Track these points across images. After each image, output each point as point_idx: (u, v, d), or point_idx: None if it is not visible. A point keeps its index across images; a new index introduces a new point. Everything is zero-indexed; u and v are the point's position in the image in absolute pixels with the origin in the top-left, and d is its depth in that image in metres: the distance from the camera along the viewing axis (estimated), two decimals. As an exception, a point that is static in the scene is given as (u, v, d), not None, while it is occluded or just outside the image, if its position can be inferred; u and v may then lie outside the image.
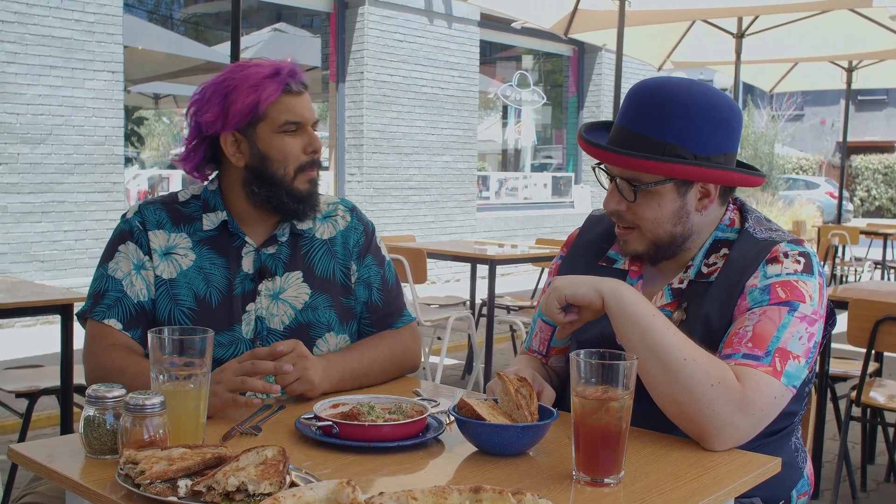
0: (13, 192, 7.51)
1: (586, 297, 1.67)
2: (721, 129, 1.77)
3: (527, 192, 13.34)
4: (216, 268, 2.05)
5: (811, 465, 1.96)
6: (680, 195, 1.79)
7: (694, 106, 1.74)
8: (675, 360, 1.59)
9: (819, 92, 27.02)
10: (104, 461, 1.47)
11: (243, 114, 1.99)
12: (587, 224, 2.08)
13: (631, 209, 1.80)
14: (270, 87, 1.99)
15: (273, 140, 2.02)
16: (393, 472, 1.48)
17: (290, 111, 2.02)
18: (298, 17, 11.31)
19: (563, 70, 14.27)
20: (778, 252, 1.74)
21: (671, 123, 1.74)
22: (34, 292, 3.79)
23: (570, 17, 7.40)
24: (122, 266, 2.03)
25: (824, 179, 26.52)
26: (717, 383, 1.57)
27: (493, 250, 5.96)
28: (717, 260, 1.82)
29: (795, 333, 1.66)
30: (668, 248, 1.83)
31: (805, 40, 8.40)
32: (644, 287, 1.90)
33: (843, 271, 10.31)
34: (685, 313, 1.79)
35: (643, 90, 1.81)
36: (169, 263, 2.03)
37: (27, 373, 3.84)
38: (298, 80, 2.04)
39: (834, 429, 4.60)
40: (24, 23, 7.48)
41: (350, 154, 10.50)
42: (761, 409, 1.60)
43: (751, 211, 1.89)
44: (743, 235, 1.82)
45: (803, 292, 1.70)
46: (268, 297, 2.05)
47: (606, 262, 1.97)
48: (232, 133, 2.03)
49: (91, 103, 7.92)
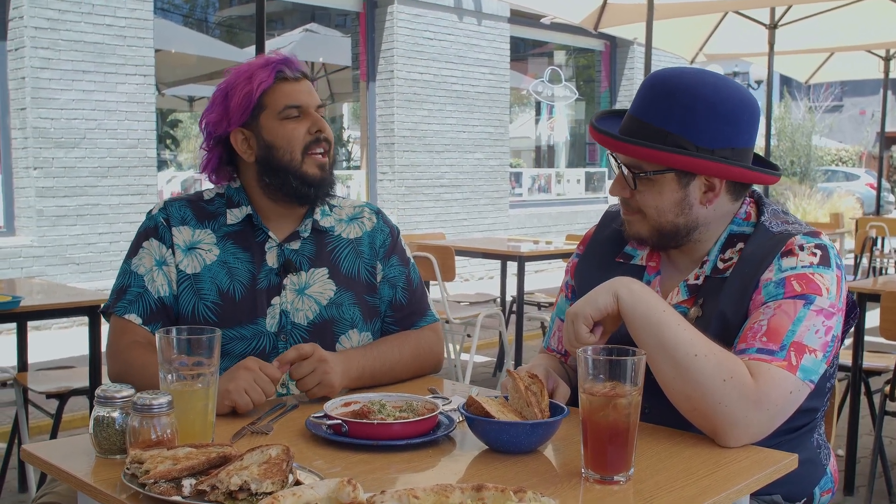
0: (48, 195, 7.62)
1: (608, 305, 1.64)
2: (729, 124, 1.73)
3: (560, 187, 13.28)
4: (240, 262, 2.07)
5: (835, 462, 1.93)
6: (681, 186, 1.76)
7: (701, 98, 1.72)
8: (687, 355, 1.57)
9: (858, 82, 26.59)
10: (114, 461, 1.47)
11: (242, 106, 2.03)
12: (603, 221, 2.06)
13: (634, 196, 1.80)
14: (262, 74, 2.03)
15: (276, 128, 2.05)
16: (402, 471, 1.47)
17: (288, 96, 2.05)
18: (331, 18, 11.36)
19: (595, 65, 14.19)
20: (793, 245, 1.71)
21: (676, 114, 1.72)
22: (68, 294, 3.84)
23: (600, 12, 7.36)
24: (144, 262, 2.06)
25: (864, 171, 26.10)
26: (729, 378, 1.55)
27: (526, 247, 5.93)
28: (732, 255, 1.79)
29: (812, 327, 1.62)
30: (672, 238, 1.81)
31: (840, 30, 8.26)
32: (661, 283, 1.88)
33: (883, 263, 10.15)
34: (701, 309, 1.77)
35: (656, 79, 1.80)
36: (193, 258, 2.06)
37: (59, 374, 3.89)
38: (294, 67, 2.07)
39: (869, 424, 4.52)
40: (57, 28, 7.58)
41: (381, 153, 10.52)
42: (776, 405, 1.57)
43: (767, 204, 1.85)
44: (758, 229, 1.78)
45: (820, 285, 1.66)
46: (293, 292, 2.07)
47: (624, 259, 1.95)
48: (240, 130, 2.06)
49: (123, 107, 8.01)
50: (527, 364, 1.91)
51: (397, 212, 10.40)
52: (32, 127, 7.50)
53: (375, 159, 10.56)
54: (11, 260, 7.49)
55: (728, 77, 1.87)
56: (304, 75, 2.10)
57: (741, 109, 1.75)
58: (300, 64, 2.10)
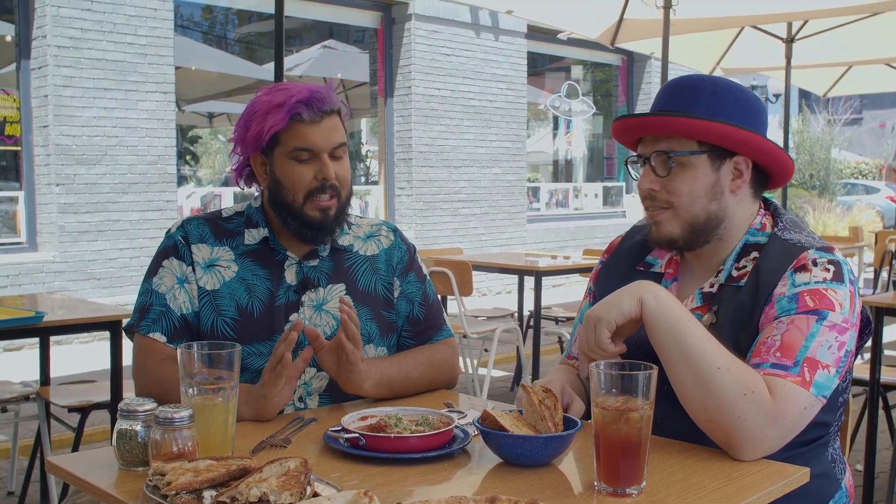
0: (70, 211, 7.71)
1: (632, 310, 1.64)
2: (751, 112, 1.81)
3: (577, 202, 13.29)
4: (259, 279, 2.09)
5: (851, 477, 1.93)
6: (714, 169, 1.80)
7: (724, 87, 1.81)
8: (710, 367, 1.58)
9: (878, 95, 26.48)
10: (136, 473, 1.51)
11: (255, 141, 2.04)
12: (630, 232, 2.10)
13: (665, 186, 1.81)
14: (277, 116, 1.99)
15: (285, 166, 2.04)
16: (418, 483, 1.49)
17: (300, 139, 2.01)
18: (350, 34, 11.44)
19: (612, 79, 14.20)
20: (806, 260, 1.73)
21: (702, 101, 1.79)
22: (90, 309, 3.89)
23: (617, 27, 7.37)
24: (165, 281, 2.08)
25: (885, 184, 25.93)
26: (750, 393, 1.57)
27: (544, 262, 5.95)
28: (747, 263, 1.82)
29: (825, 342, 1.64)
30: (702, 231, 1.82)
31: (858, 43, 8.24)
32: (678, 290, 1.90)
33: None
34: (715, 316, 1.79)
35: (673, 82, 1.87)
36: (212, 275, 2.08)
37: (81, 388, 3.94)
38: (315, 107, 2.02)
39: (887, 439, 4.50)
40: (79, 47, 7.69)
41: (399, 168, 10.57)
42: (791, 420, 1.59)
43: (782, 214, 1.88)
44: (772, 239, 1.81)
45: (832, 300, 1.68)
46: (311, 308, 2.09)
47: (644, 267, 1.98)
48: (259, 154, 2.08)
49: (144, 124, 8.10)
50: (543, 378, 1.93)
51: (415, 227, 10.44)
52: (55, 144, 7.60)
53: (394, 175, 10.61)
54: (34, 275, 7.58)
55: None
56: (329, 112, 2.04)
57: (758, 103, 1.85)
58: (329, 100, 2.04)
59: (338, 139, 2.06)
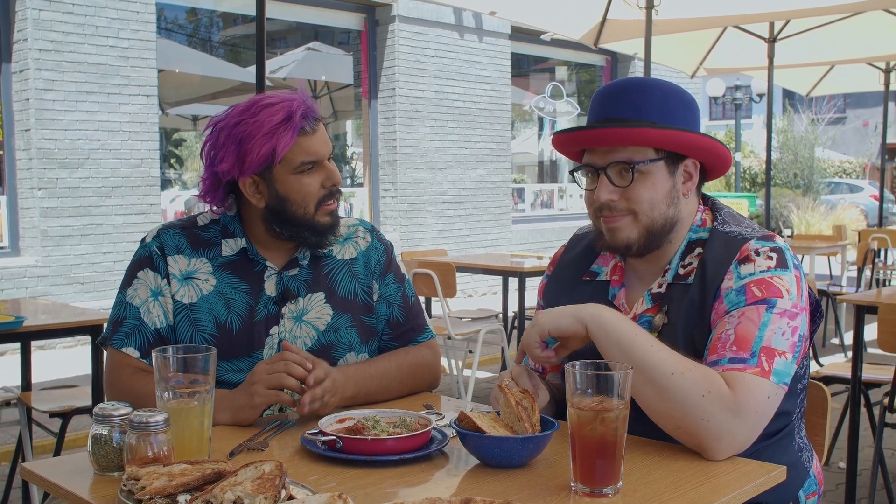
0: (53, 216, 7.67)
1: (570, 328, 1.69)
2: (692, 111, 1.84)
3: (562, 203, 13.31)
4: (237, 293, 2.05)
5: (819, 464, 1.95)
6: (671, 174, 1.81)
7: (667, 90, 1.82)
8: (664, 375, 1.60)
9: (861, 94, 26.64)
10: (111, 478, 1.50)
11: (260, 162, 1.96)
12: (571, 242, 2.10)
13: (624, 195, 1.80)
14: (286, 134, 1.94)
15: (291, 182, 2.00)
16: (395, 485, 1.49)
17: (305, 152, 1.99)
18: (334, 36, 11.42)
19: (597, 80, 14.24)
20: (749, 250, 1.75)
21: (652, 105, 1.79)
22: (72, 314, 3.87)
23: (600, 28, 7.40)
24: (139, 293, 2.04)
25: (868, 182, 26.11)
26: (707, 393, 1.58)
27: (529, 263, 5.95)
28: (692, 260, 1.83)
29: (777, 330, 1.66)
30: (659, 235, 1.82)
31: (840, 43, 8.30)
32: (626, 296, 1.91)
33: (886, 275, 10.13)
34: (667, 317, 1.80)
35: (612, 87, 1.87)
36: (189, 288, 2.04)
37: (62, 393, 3.92)
38: (312, 117, 2.00)
39: (869, 436, 4.52)
40: (61, 51, 7.65)
41: (384, 170, 10.56)
42: (756, 412, 1.60)
43: (721, 209, 1.90)
44: (714, 234, 1.83)
45: (779, 287, 1.70)
46: (291, 320, 2.06)
47: (590, 276, 1.98)
48: (252, 176, 2.01)
49: (127, 127, 8.07)
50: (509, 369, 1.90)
51: (400, 229, 10.43)
52: (37, 148, 7.56)
53: (378, 176, 10.60)
54: (17, 280, 7.54)
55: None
56: (320, 118, 2.04)
57: (695, 102, 1.88)
58: (315, 105, 2.03)
59: (330, 143, 2.07)
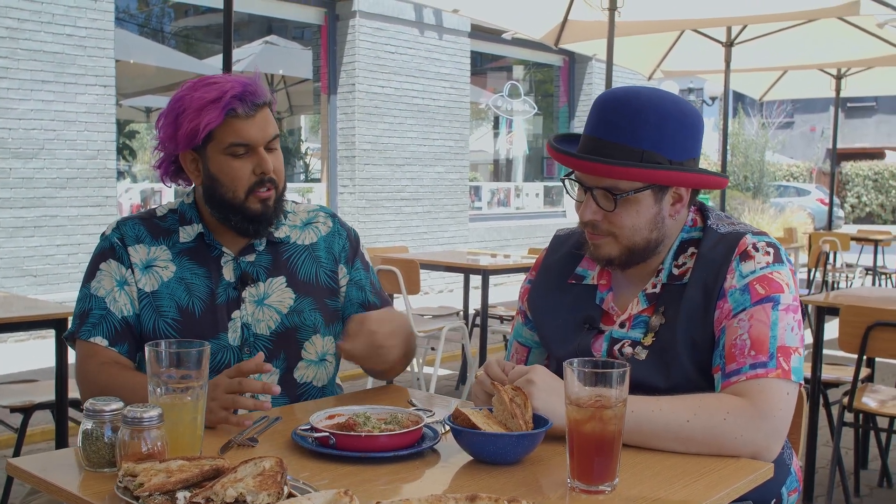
0: (6, 206, 7.51)
1: (560, 422, 1.53)
2: (692, 136, 1.80)
3: (519, 201, 13.37)
4: (197, 277, 2.07)
5: (797, 462, 1.99)
6: (657, 201, 1.80)
7: (667, 113, 1.76)
8: (681, 427, 1.61)
9: (809, 100, 27.11)
10: (102, 474, 1.48)
11: (188, 137, 1.98)
12: (553, 245, 2.09)
13: (608, 218, 1.80)
14: (212, 112, 1.95)
15: (221, 162, 2.01)
16: (389, 482, 1.49)
17: (236, 133, 1.98)
18: (289, 30, 11.34)
19: (553, 80, 14.32)
20: (747, 245, 1.78)
21: (647, 131, 1.75)
22: (27, 307, 3.79)
23: (561, 28, 7.43)
24: (104, 284, 2.05)
25: (815, 186, 26.62)
26: (727, 414, 1.61)
27: (485, 260, 5.97)
28: (686, 260, 1.85)
29: (787, 326, 1.70)
30: (641, 254, 1.83)
31: (794, 49, 8.44)
32: (615, 299, 1.92)
33: (835, 277, 10.35)
34: (664, 317, 1.81)
35: (613, 100, 1.80)
36: (150, 276, 2.06)
37: (21, 387, 3.84)
38: (249, 101, 1.98)
39: (827, 435, 4.61)
40: (16, 38, 7.49)
41: (342, 166, 10.52)
42: (779, 408, 1.64)
43: (710, 209, 1.93)
44: (707, 232, 1.84)
45: (780, 283, 1.74)
46: (252, 304, 2.08)
47: (575, 280, 1.98)
48: (190, 151, 2.03)
49: (83, 117, 7.92)
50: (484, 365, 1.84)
51: (358, 224, 10.39)
52: (-11, 137, 7.40)
53: (336, 172, 10.56)
54: (-34, 272, 7.37)
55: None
56: (262, 104, 2.02)
57: (698, 121, 1.83)
58: (261, 92, 2.01)
59: (272, 132, 2.04)
